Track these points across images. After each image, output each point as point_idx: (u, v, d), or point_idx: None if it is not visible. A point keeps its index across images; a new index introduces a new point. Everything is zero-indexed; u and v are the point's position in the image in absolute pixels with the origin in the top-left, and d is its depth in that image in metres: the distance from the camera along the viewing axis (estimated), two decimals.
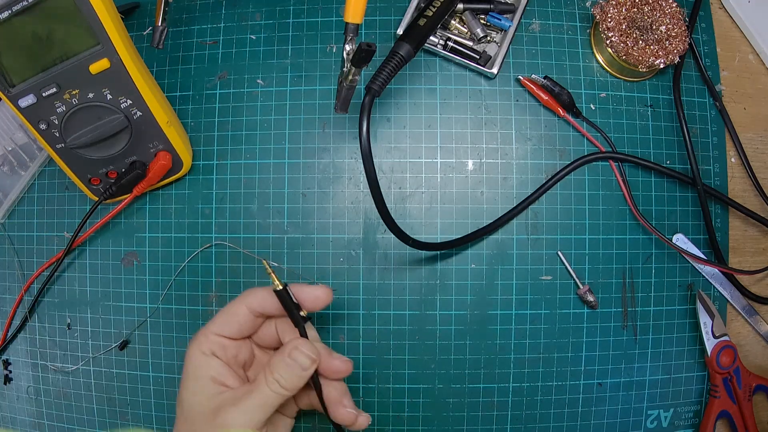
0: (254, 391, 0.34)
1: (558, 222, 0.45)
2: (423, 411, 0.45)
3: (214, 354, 0.36)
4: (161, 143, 0.43)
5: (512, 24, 0.45)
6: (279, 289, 0.36)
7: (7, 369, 0.49)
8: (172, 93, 0.48)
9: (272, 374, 0.34)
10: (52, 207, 0.49)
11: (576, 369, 0.45)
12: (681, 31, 0.44)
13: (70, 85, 0.38)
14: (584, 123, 0.46)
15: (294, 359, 0.35)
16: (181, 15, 0.49)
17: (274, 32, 0.48)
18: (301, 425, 0.45)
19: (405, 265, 0.45)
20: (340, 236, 0.46)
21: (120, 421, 0.47)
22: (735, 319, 0.47)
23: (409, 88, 0.47)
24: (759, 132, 0.48)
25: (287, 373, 0.35)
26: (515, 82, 0.46)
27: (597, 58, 0.47)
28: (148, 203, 0.47)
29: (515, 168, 0.46)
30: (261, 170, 0.46)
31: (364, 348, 0.45)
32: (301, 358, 0.35)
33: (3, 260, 0.49)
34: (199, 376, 0.36)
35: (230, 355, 0.37)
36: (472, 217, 0.45)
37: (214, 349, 0.36)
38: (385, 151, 0.46)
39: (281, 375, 0.34)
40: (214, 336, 0.36)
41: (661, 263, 0.46)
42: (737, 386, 0.44)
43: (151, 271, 0.47)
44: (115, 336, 0.47)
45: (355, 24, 0.36)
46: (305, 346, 0.35)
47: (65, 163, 0.42)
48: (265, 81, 0.47)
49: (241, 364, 0.38)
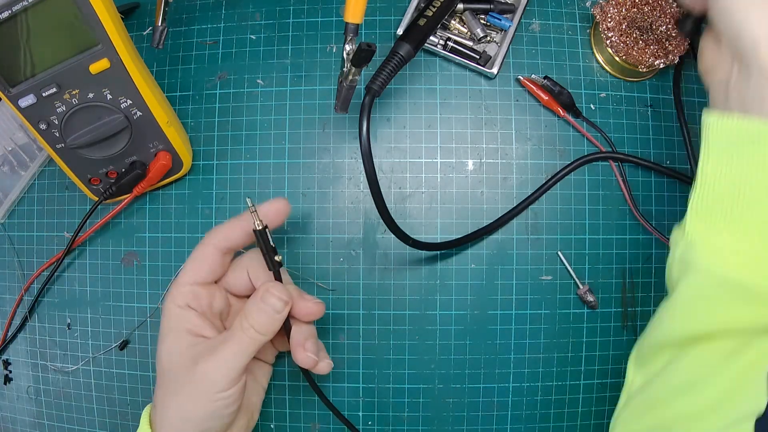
0: (230, 339, 0.34)
1: (558, 222, 0.45)
2: (423, 411, 0.45)
3: (189, 306, 0.36)
4: (161, 143, 0.43)
5: (512, 24, 0.45)
6: (259, 229, 0.35)
7: (7, 369, 0.49)
8: (172, 93, 0.48)
9: (246, 320, 0.34)
10: (52, 207, 0.49)
11: (576, 369, 0.45)
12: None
13: (70, 85, 0.38)
14: (584, 123, 0.46)
15: (266, 303, 0.34)
16: (181, 15, 0.49)
17: (274, 32, 0.48)
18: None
19: (405, 265, 0.45)
20: (340, 236, 0.46)
21: (120, 421, 0.47)
22: None
23: (409, 88, 0.47)
24: None
25: (261, 317, 0.34)
26: (515, 82, 0.46)
27: (597, 58, 0.47)
28: (148, 203, 0.47)
29: (515, 168, 0.46)
30: (261, 170, 0.46)
31: (364, 348, 0.45)
32: (273, 300, 0.34)
33: (3, 260, 0.49)
34: (175, 328, 0.35)
35: (205, 305, 0.36)
36: (472, 217, 0.45)
37: (188, 300, 0.36)
38: (385, 151, 0.46)
39: (255, 320, 0.34)
40: (186, 286, 0.36)
41: (661, 263, 0.46)
42: None
43: (151, 271, 0.47)
44: (115, 336, 0.47)
45: (355, 24, 0.36)
46: (277, 288, 0.35)
47: (65, 163, 0.42)
48: (265, 81, 0.47)
49: (218, 314, 0.38)
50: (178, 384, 0.34)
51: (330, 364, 0.38)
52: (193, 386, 0.33)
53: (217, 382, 0.33)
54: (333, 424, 0.45)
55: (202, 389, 0.33)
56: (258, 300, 0.35)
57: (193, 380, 0.33)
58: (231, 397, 0.34)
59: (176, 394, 0.34)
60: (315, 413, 0.45)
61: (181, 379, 0.34)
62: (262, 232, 0.36)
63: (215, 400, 0.33)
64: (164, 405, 0.35)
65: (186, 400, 0.34)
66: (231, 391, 0.33)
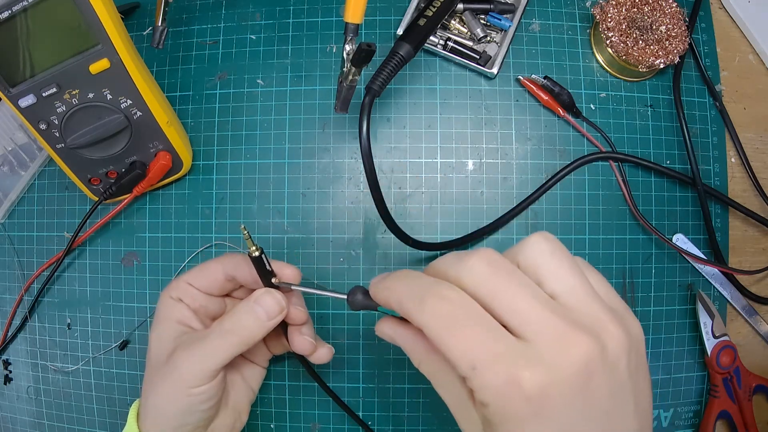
0: (208, 337, 0.33)
1: (558, 222, 0.45)
2: (423, 411, 0.45)
3: (182, 300, 0.36)
4: (161, 143, 0.43)
5: (512, 24, 0.45)
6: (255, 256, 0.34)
7: (7, 369, 0.49)
8: (172, 93, 0.48)
9: (230, 321, 0.34)
10: (52, 207, 0.49)
11: None
12: (681, 31, 0.44)
13: (70, 85, 0.38)
14: (584, 123, 0.46)
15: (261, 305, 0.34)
16: (181, 15, 0.49)
17: (274, 32, 0.48)
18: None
19: (405, 265, 0.45)
20: (340, 236, 0.46)
21: (120, 421, 0.47)
22: (735, 319, 0.47)
23: (409, 88, 0.47)
24: (759, 132, 0.48)
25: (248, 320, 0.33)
26: (515, 82, 0.46)
27: (597, 58, 0.47)
28: (148, 203, 0.47)
29: (515, 168, 0.46)
30: (261, 170, 0.46)
31: (364, 348, 0.45)
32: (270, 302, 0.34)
33: (3, 260, 0.49)
34: (166, 318, 0.35)
35: (198, 305, 0.36)
36: (472, 217, 0.45)
37: (182, 295, 0.36)
38: (385, 151, 0.46)
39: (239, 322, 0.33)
40: (185, 284, 0.36)
41: (661, 263, 0.46)
42: (737, 386, 0.44)
43: (151, 271, 0.47)
44: (115, 336, 0.47)
45: (355, 24, 0.36)
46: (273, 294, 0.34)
47: (65, 163, 0.42)
48: (265, 81, 0.47)
49: (211, 316, 0.37)
50: (157, 374, 0.34)
51: (331, 350, 0.38)
52: (168, 378, 0.33)
53: (190, 378, 0.32)
54: (333, 424, 0.45)
55: (176, 382, 0.33)
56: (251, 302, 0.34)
57: (169, 372, 0.33)
58: (205, 394, 0.33)
59: (155, 385, 0.34)
60: (315, 413, 0.45)
61: (161, 369, 0.34)
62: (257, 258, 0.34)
63: (188, 395, 0.33)
64: (146, 396, 0.34)
65: (162, 391, 0.33)
66: (205, 387, 0.33)
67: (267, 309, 0.34)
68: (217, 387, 0.34)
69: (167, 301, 0.36)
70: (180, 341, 0.34)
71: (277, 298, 0.34)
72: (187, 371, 0.33)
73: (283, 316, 0.34)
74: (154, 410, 0.34)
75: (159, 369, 0.34)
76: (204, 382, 0.33)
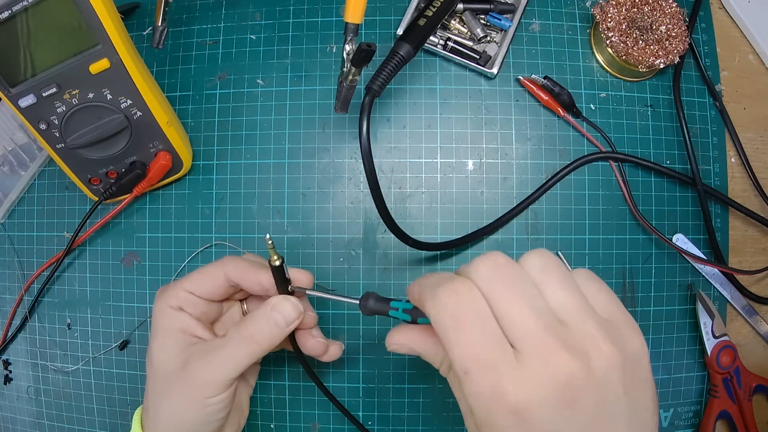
0: (226, 345, 0.33)
1: (558, 222, 0.45)
2: (423, 411, 0.45)
3: (182, 309, 0.35)
4: (161, 143, 0.43)
5: (512, 24, 0.45)
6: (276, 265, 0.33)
7: (7, 369, 0.49)
8: (172, 93, 0.48)
9: (247, 329, 0.33)
10: (52, 207, 0.49)
11: None
12: (681, 31, 0.44)
13: (70, 85, 0.38)
14: (584, 123, 0.46)
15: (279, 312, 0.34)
16: (181, 15, 0.49)
17: (274, 32, 0.48)
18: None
19: (405, 265, 0.45)
20: (340, 236, 0.46)
21: (120, 421, 0.47)
22: (735, 319, 0.47)
23: (409, 88, 0.47)
24: (759, 132, 0.48)
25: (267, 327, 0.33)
26: (515, 82, 0.46)
27: (597, 58, 0.47)
28: (148, 203, 0.47)
29: (515, 168, 0.46)
30: (261, 170, 0.46)
31: (364, 348, 0.45)
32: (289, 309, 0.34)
33: (3, 260, 0.49)
34: (168, 328, 0.34)
35: (199, 312, 0.35)
36: (472, 217, 0.45)
37: (182, 304, 0.35)
38: (385, 151, 0.46)
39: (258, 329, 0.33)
40: (185, 292, 0.35)
41: (661, 263, 0.46)
42: (737, 386, 0.44)
43: (151, 271, 0.47)
44: (115, 336, 0.47)
45: (355, 24, 0.36)
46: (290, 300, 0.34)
47: (65, 163, 0.42)
48: (265, 81, 0.47)
49: (210, 321, 0.37)
50: (168, 386, 0.33)
51: (341, 346, 0.38)
52: (184, 389, 0.33)
53: (209, 388, 0.32)
54: (333, 424, 0.45)
55: (193, 393, 0.32)
56: (268, 309, 0.34)
57: (184, 383, 0.33)
58: (222, 402, 0.33)
59: (166, 396, 0.33)
60: (315, 413, 0.45)
61: (173, 380, 0.33)
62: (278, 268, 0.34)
63: (206, 405, 0.32)
64: (155, 407, 0.34)
65: (177, 403, 0.33)
66: (223, 395, 0.33)
67: (285, 315, 0.34)
68: (233, 393, 0.34)
69: (166, 311, 0.35)
70: (192, 351, 0.34)
71: (296, 305, 0.34)
72: (204, 382, 0.32)
73: (300, 321, 0.35)
74: (168, 423, 0.33)
75: (170, 381, 0.33)
76: (222, 391, 0.33)
